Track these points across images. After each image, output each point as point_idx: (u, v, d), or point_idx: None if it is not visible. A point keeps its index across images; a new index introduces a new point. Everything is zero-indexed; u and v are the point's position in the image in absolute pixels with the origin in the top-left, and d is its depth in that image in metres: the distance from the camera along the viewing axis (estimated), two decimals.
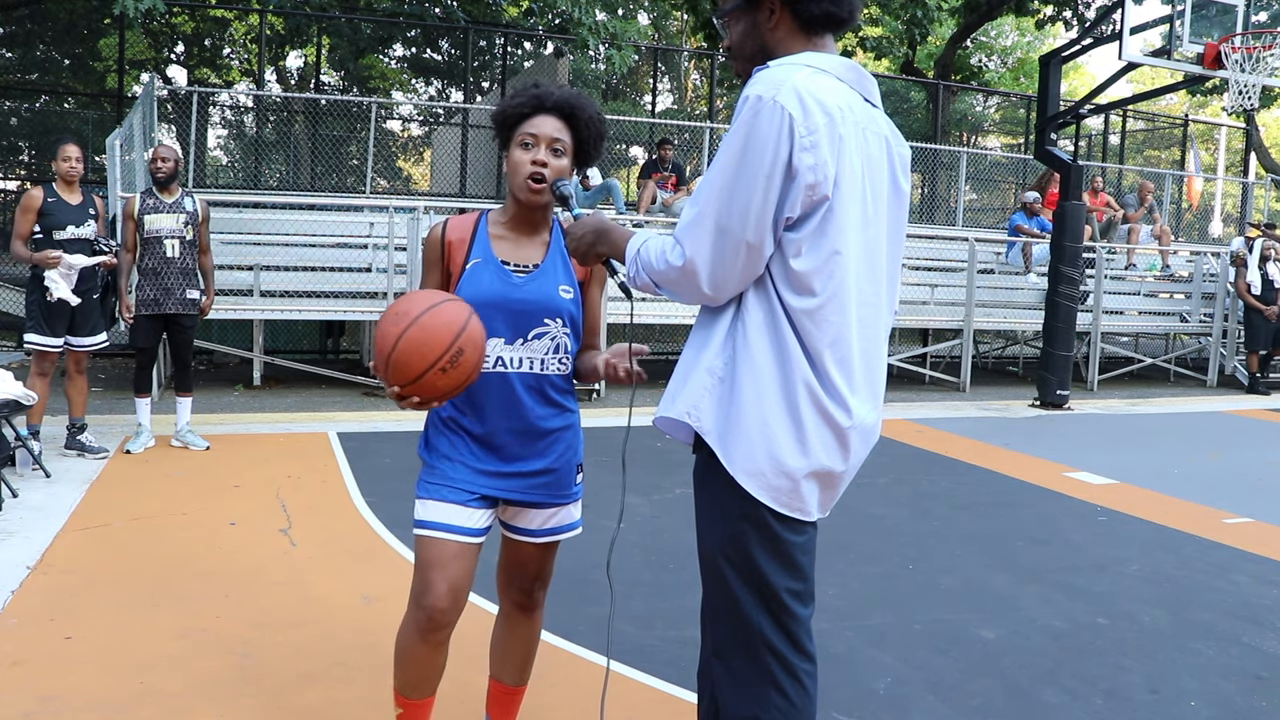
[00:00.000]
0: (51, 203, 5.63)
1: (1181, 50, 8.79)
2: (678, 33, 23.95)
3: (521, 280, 2.19)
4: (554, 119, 2.16)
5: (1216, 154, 24.30)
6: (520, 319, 2.18)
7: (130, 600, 3.59)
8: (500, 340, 2.17)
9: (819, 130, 1.66)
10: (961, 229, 13.56)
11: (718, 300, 1.74)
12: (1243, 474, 6.69)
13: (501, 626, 2.47)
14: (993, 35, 26.77)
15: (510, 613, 2.44)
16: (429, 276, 2.26)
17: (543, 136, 2.15)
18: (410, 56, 19.36)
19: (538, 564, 2.36)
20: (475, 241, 2.21)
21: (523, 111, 2.17)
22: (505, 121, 2.19)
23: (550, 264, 2.23)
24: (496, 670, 2.50)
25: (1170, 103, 27.94)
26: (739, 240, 1.67)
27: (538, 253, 2.24)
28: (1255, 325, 11.38)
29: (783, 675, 1.79)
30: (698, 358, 1.79)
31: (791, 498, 1.76)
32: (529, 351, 2.19)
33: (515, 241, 2.23)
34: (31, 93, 16.57)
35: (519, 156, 2.15)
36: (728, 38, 1.90)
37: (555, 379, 2.24)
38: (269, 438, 6.59)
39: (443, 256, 2.22)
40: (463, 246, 2.21)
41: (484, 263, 2.18)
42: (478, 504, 2.19)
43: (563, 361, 2.24)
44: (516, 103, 2.18)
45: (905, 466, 6.44)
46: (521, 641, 2.45)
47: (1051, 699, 3.07)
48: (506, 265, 2.19)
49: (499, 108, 2.22)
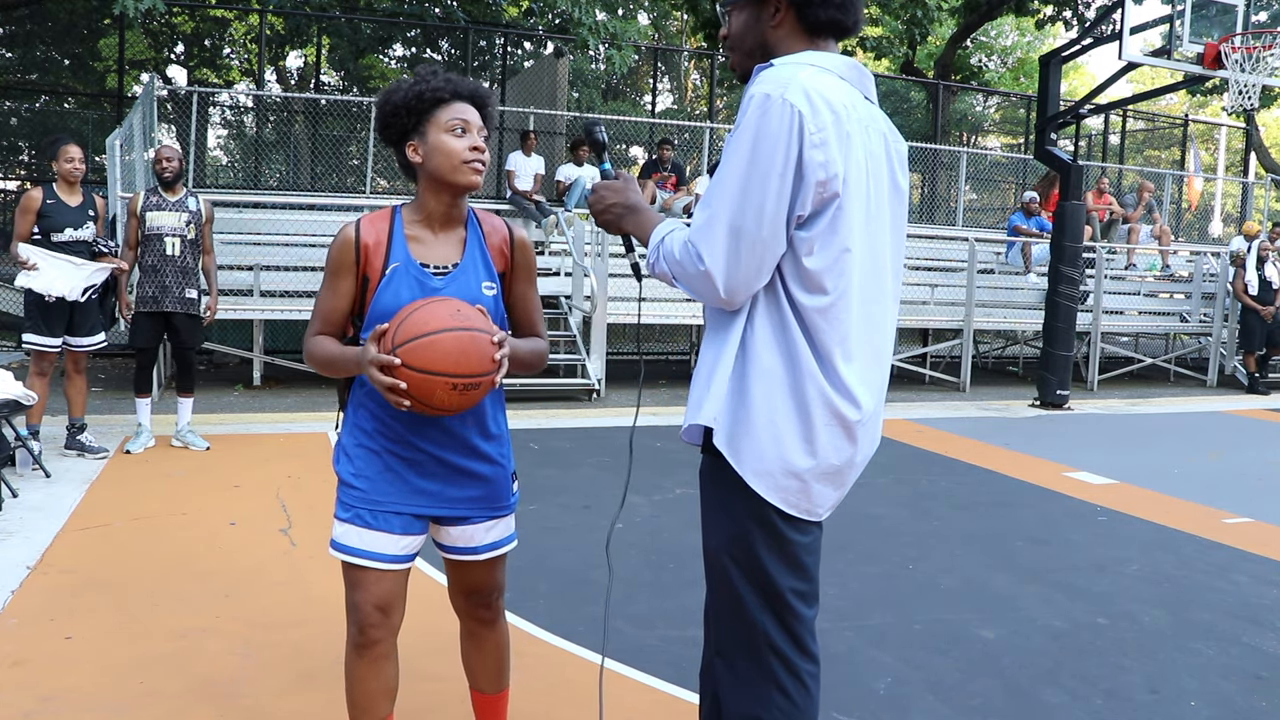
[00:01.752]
0: (51, 204, 5.63)
1: (1181, 50, 8.79)
2: (678, 33, 23.94)
3: (441, 282, 2.07)
4: (471, 108, 2.06)
5: (1216, 154, 24.30)
6: None
7: (130, 600, 3.59)
8: None
9: (827, 128, 1.66)
10: (961, 229, 13.56)
11: (732, 305, 1.72)
12: (1243, 474, 6.69)
13: (468, 642, 2.37)
14: (993, 35, 26.77)
15: (475, 629, 2.34)
16: (339, 283, 2.06)
17: (473, 123, 2.04)
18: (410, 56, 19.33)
19: (491, 579, 2.25)
20: (392, 244, 2.06)
21: (441, 97, 2.04)
22: (420, 106, 2.03)
23: (470, 261, 2.11)
24: (475, 682, 2.42)
25: (1170, 103, 27.95)
26: (754, 240, 1.66)
27: (455, 250, 2.11)
28: (1251, 326, 11.38)
29: (785, 676, 1.79)
30: (716, 362, 1.77)
31: (800, 498, 1.76)
32: None
33: (432, 241, 2.10)
34: (31, 93, 16.57)
35: (451, 143, 2.01)
36: (727, 27, 1.88)
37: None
38: (269, 438, 6.59)
39: (357, 261, 2.05)
40: (380, 250, 2.05)
41: (402, 267, 2.05)
42: (403, 528, 2.08)
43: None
44: (431, 86, 2.03)
45: (905, 466, 6.44)
46: (492, 652, 2.36)
47: (1051, 699, 3.07)
48: (425, 268, 2.07)
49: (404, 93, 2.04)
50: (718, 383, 1.75)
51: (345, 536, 2.09)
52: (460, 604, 2.32)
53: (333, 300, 2.08)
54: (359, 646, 2.09)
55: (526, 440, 6.72)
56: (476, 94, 2.09)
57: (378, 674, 2.11)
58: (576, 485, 5.54)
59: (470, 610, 2.31)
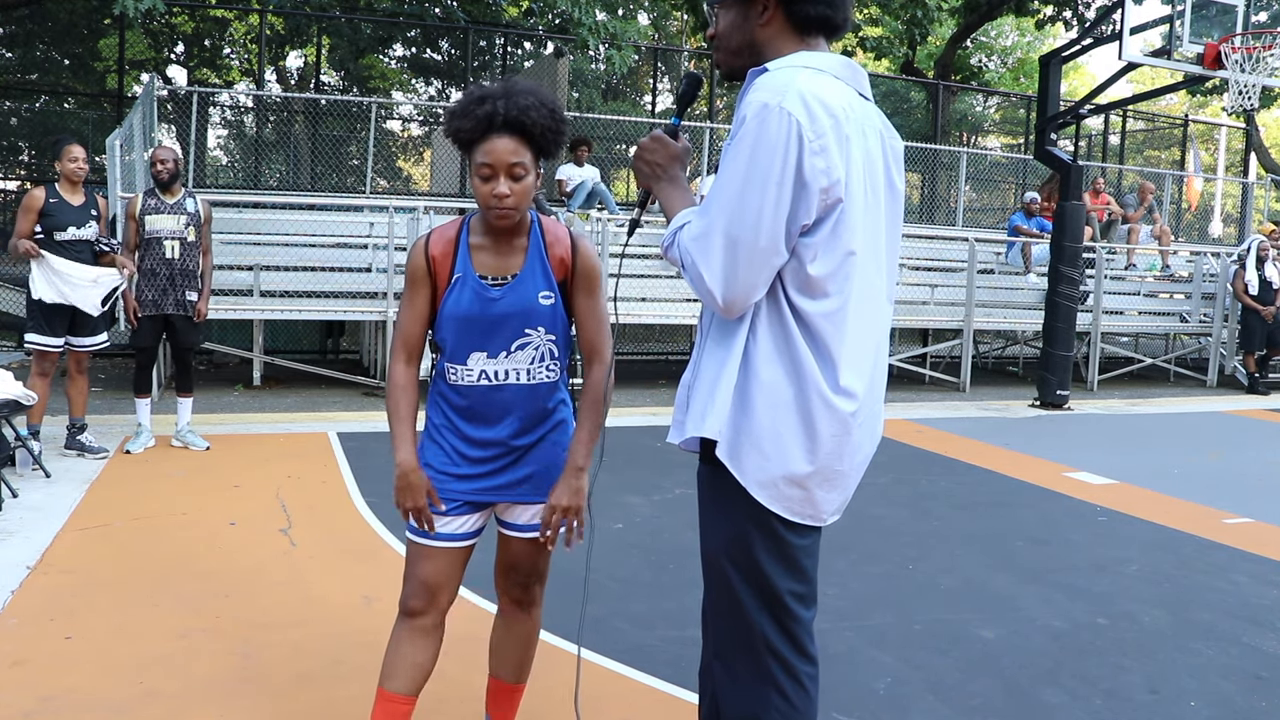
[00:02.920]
0: (53, 203, 5.63)
1: (1181, 50, 8.79)
2: (678, 33, 23.94)
3: (499, 293, 2.17)
4: (507, 139, 2.06)
5: (1216, 154, 24.30)
6: (500, 332, 2.17)
7: (130, 600, 3.59)
8: (483, 354, 2.17)
9: (826, 134, 1.64)
10: (961, 229, 13.55)
11: (731, 314, 1.71)
12: (1243, 474, 6.69)
13: (500, 624, 2.48)
14: (993, 35, 26.78)
15: (508, 610, 2.46)
16: (416, 295, 2.20)
17: (499, 165, 2.06)
18: (410, 56, 19.34)
19: (530, 560, 2.36)
20: (458, 255, 2.18)
21: (473, 136, 2.07)
22: (458, 141, 2.11)
23: (529, 271, 2.19)
24: (495, 668, 2.50)
25: (1170, 103, 27.95)
26: (752, 250, 1.64)
27: (517, 260, 2.19)
28: (1251, 326, 11.38)
29: (784, 677, 1.79)
30: (720, 373, 1.75)
31: (804, 505, 1.76)
32: (513, 364, 2.19)
33: (494, 250, 2.19)
34: (31, 93, 16.56)
35: (480, 187, 2.09)
36: (714, 26, 1.86)
37: (544, 388, 2.24)
38: (269, 438, 6.59)
39: (429, 273, 2.18)
40: (447, 261, 2.18)
41: (463, 279, 2.17)
42: (461, 510, 2.23)
43: (550, 369, 2.24)
44: (466, 126, 2.07)
45: (905, 466, 6.44)
46: (520, 639, 2.45)
47: (1051, 699, 3.07)
48: (484, 279, 2.17)
49: (449, 125, 2.11)
50: (721, 394, 1.74)
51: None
52: (499, 582, 2.43)
53: (411, 313, 2.22)
54: (403, 615, 2.26)
55: None
56: (513, 122, 2.05)
57: (413, 644, 2.24)
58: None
59: (506, 588, 2.42)
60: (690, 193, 1.87)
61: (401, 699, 2.23)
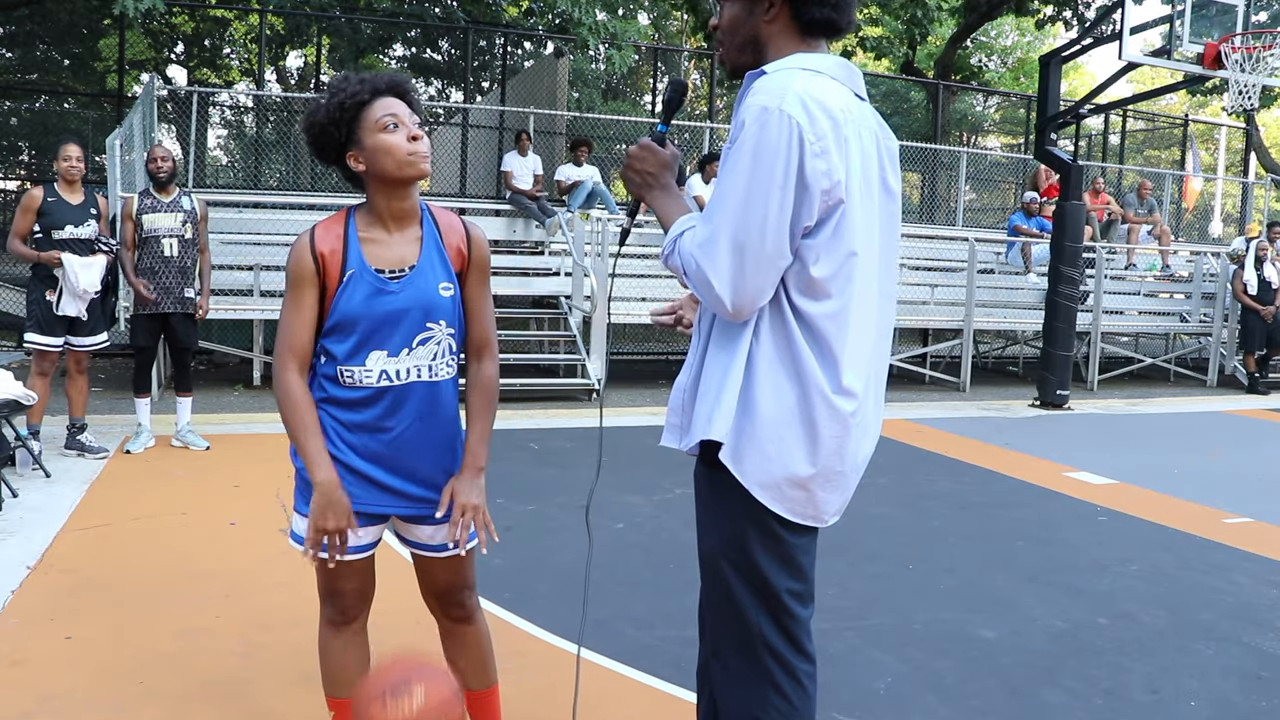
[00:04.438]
0: (51, 202, 5.63)
1: (1181, 50, 8.79)
2: (678, 33, 23.94)
3: (397, 286, 2.04)
4: (395, 100, 2.02)
5: (1216, 154, 24.30)
6: (401, 328, 2.04)
7: (130, 600, 3.59)
8: (383, 353, 2.04)
9: (826, 136, 1.65)
10: (961, 229, 13.55)
11: (739, 318, 1.70)
12: (1243, 474, 6.69)
13: (446, 641, 2.35)
14: (993, 35, 26.78)
15: (450, 628, 2.33)
16: (303, 297, 2.04)
17: (401, 114, 2.00)
18: (410, 56, 19.33)
19: (450, 576, 2.24)
20: (348, 250, 2.04)
21: (361, 99, 2.00)
22: (345, 115, 2.00)
23: (427, 261, 2.08)
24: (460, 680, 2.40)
25: (1170, 103, 27.93)
26: (758, 254, 1.64)
27: (412, 250, 2.08)
28: (1251, 326, 11.37)
29: (782, 676, 1.79)
30: (725, 377, 1.75)
31: (806, 506, 1.76)
32: (415, 360, 2.07)
33: (387, 241, 2.07)
34: (31, 93, 16.57)
35: (389, 140, 1.98)
36: (718, 17, 1.86)
37: (445, 385, 2.12)
38: (269, 438, 6.59)
39: (318, 272, 2.03)
40: (336, 258, 2.03)
41: (358, 274, 2.03)
42: (366, 523, 2.12)
43: (449, 365, 2.12)
44: (349, 92, 2.00)
45: (905, 466, 6.44)
46: (472, 648, 2.33)
47: (1051, 699, 3.07)
48: (380, 273, 2.04)
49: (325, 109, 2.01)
50: (727, 398, 1.74)
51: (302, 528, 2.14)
52: (431, 604, 2.32)
53: (298, 317, 2.05)
54: (338, 625, 2.23)
55: (526, 440, 6.72)
56: (394, 84, 2.04)
57: (356, 645, 2.26)
58: (576, 485, 5.54)
59: (442, 609, 2.31)
60: (683, 200, 1.87)
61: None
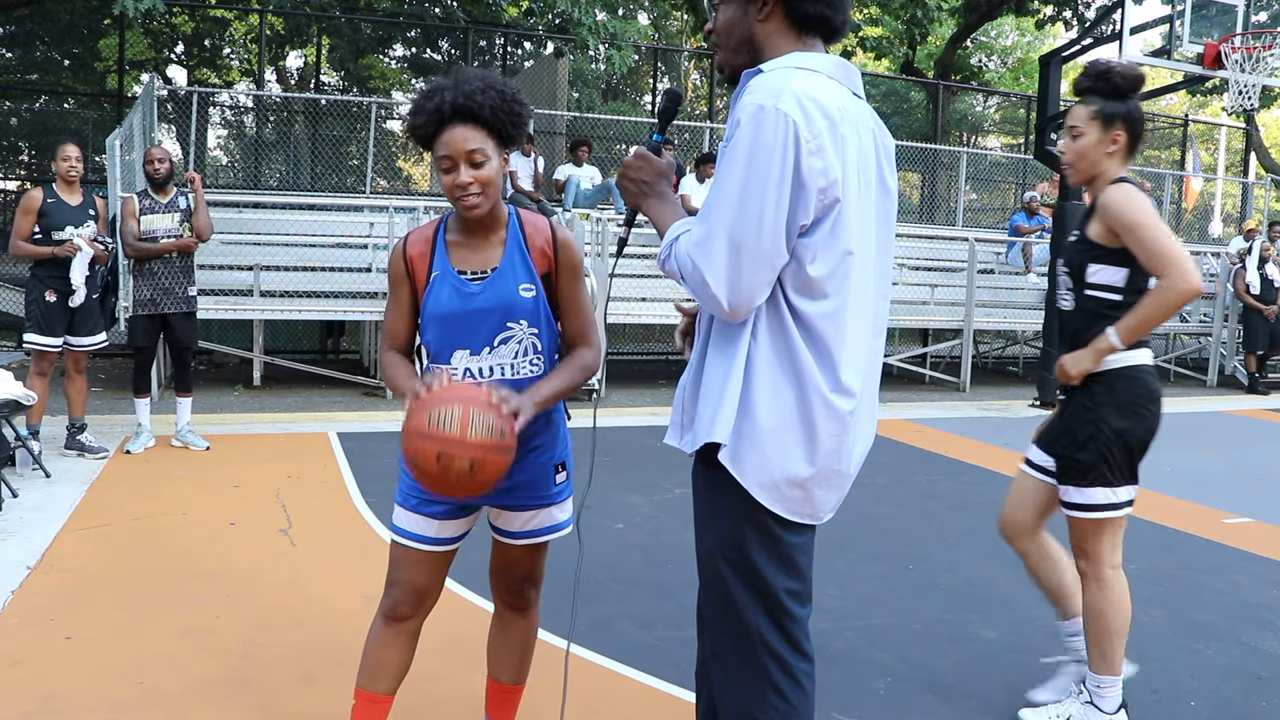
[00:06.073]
0: (51, 203, 5.64)
1: (1181, 50, 8.80)
2: (678, 33, 23.93)
3: (478, 288, 2.13)
4: (461, 127, 2.04)
5: (1216, 154, 24.29)
6: (481, 328, 2.13)
7: (130, 600, 3.59)
8: (465, 352, 2.14)
9: (822, 134, 1.64)
10: (961, 229, 13.56)
11: (736, 317, 1.70)
12: (1243, 474, 6.69)
13: (496, 626, 2.48)
14: (993, 35, 26.76)
15: (504, 613, 2.46)
16: (398, 294, 2.22)
17: (458, 154, 2.04)
18: (410, 56, 19.34)
19: (524, 565, 2.36)
20: (435, 254, 2.17)
21: (428, 131, 2.06)
22: (419, 141, 2.09)
23: (508, 264, 2.16)
24: (494, 669, 2.50)
25: (1170, 103, 27.93)
26: (755, 253, 1.64)
27: (495, 254, 2.17)
28: (1254, 326, 11.37)
29: (780, 675, 1.79)
30: (726, 378, 1.75)
31: (804, 505, 1.77)
32: (496, 359, 2.15)
33: (471, 246, 2.17)
34: (31, 93, 16.57)
35: (444, 180, 2.08)
36: (714, 21, 1.86)
37: (528, 382, 2.16)
38: (269, 438, 6.59)
39: (408, 274, 2.18)
40: (424, 261, 2.17)
41: (442, 276, 2.14)
42: (449, 514, 2.21)
43: (534, 364, 2.18)
44: (420, 122, 2.06)
45: (905, 466, 6.44)
46: (516, 641, 2.45)
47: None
48: (463, 275, 2.14)
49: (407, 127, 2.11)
50: (728, 400, 1.73)
51: (396, 518, 2.25)
52: (495, 584, 2.44)
53: (395, 311, 2.23)
54: (388, 618, 2.25)
55: None
56: (462, 109, 2.03)
57: (398, 648, 2.26)
58: (576, 485, 5.53)
59: (499, 592, 2.43)
60: (679, 207, 1.88)
61: (384, 699, 2.27)
